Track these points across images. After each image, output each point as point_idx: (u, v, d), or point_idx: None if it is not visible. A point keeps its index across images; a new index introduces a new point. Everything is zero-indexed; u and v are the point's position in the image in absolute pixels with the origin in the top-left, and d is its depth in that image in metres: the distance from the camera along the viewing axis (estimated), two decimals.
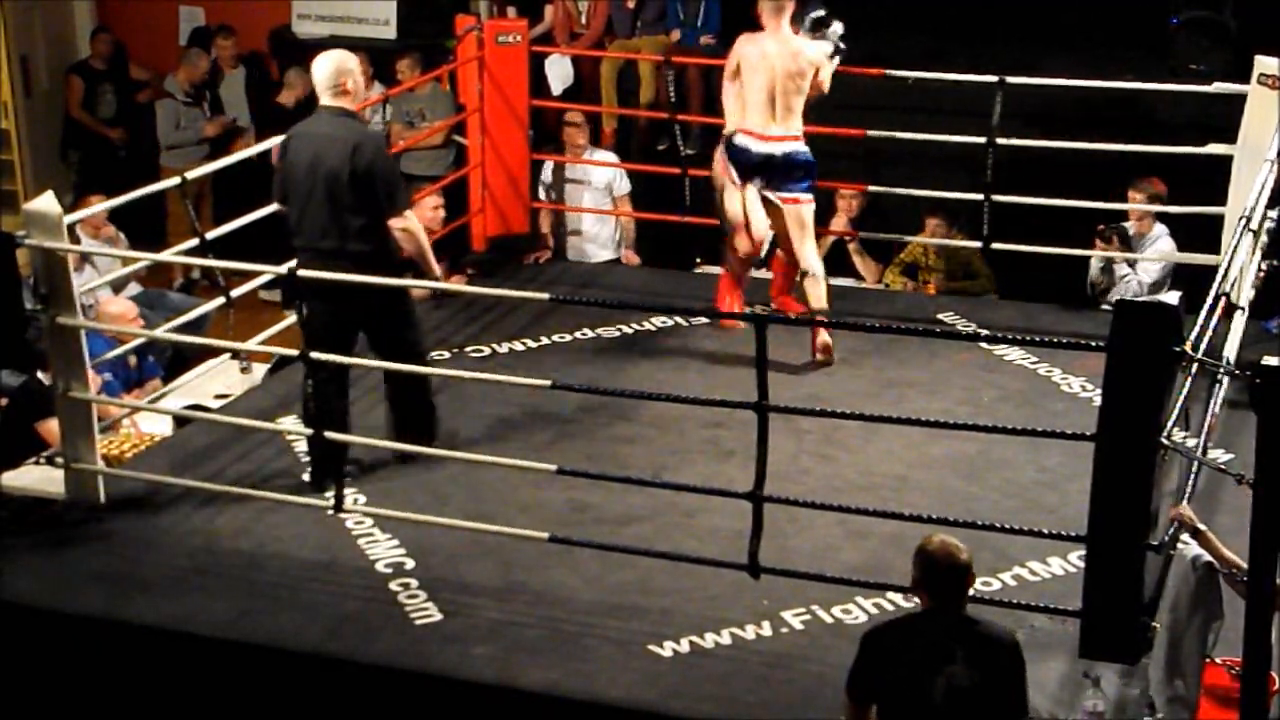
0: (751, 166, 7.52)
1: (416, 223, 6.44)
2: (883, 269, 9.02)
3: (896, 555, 5.24)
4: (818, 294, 7.53)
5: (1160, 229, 8.12)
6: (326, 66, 6.28)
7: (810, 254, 7.58)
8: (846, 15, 7.73)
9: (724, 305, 7.91)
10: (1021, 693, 4.35)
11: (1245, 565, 4.34)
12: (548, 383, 6.02)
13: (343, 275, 5.92)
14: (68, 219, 6.05)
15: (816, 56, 7.52)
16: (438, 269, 6.60)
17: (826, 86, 7.60)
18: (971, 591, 5.37)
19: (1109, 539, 4.82)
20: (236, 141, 10.53)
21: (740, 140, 7.51)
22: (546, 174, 9.15)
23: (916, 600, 4.46)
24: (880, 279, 8.98)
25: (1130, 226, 8.17)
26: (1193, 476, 5.22)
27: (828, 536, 5.83)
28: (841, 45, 7.60)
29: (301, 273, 5.85)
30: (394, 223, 6.25)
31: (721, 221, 7.77)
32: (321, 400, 6.02)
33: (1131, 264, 8.11)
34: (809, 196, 7.58)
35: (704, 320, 8.03)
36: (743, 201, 7.58)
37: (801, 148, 7.53)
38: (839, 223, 8.94)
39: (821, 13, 7.62)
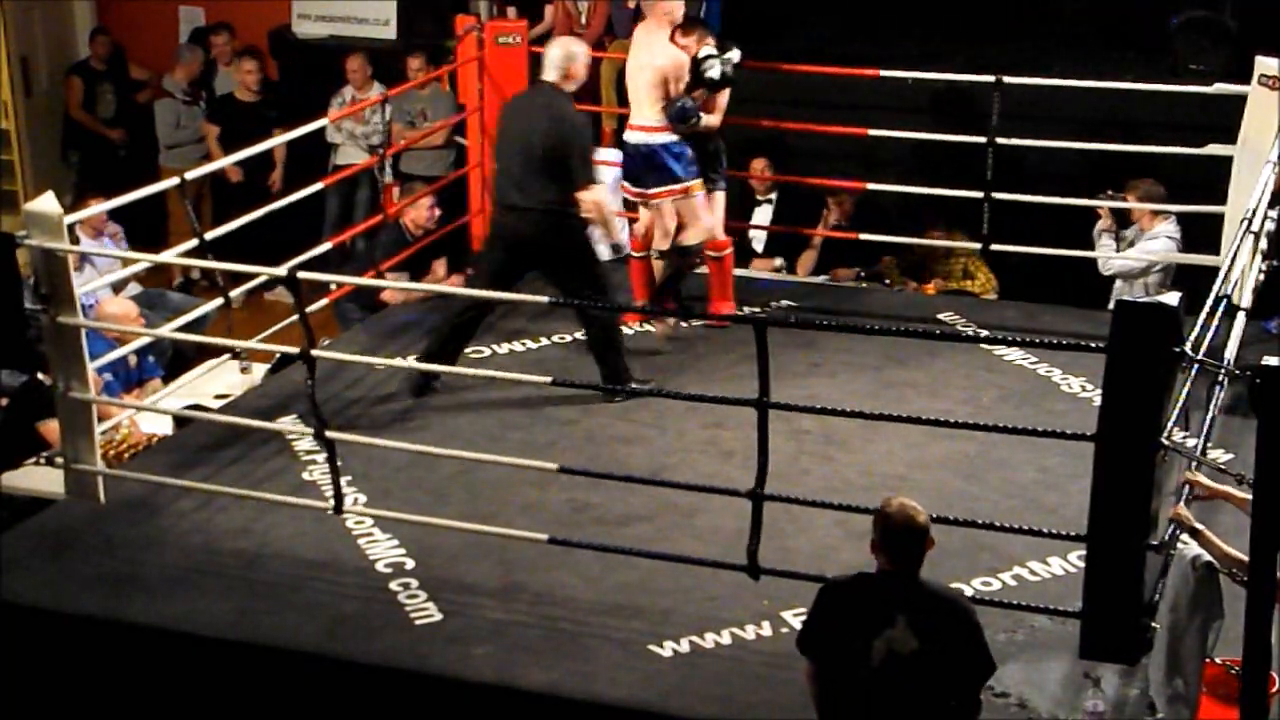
0: (624, 159, 7.74)
1: (601, 196, 7.09)
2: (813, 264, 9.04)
3: None
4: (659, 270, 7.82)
5: (1162, 228, 8.09)
6: (558, 51, 7.09)
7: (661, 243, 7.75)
8: (848, 16, 7.73)
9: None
10: (973, 657, 4.30)
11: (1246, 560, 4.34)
12: (548, 379, 6.04)
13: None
14: (68, 219, 6.05)
15: (679, 59, 7.53)
16: (619, 238, 7.47)
17: (717, 119, 7.72)
18: (971, 592, 5.44)
19: (1109, 539, 4.83)
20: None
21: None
22: None
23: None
24: (808, 271, 8.99)
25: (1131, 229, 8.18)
26: None
27: (828, 536, 5.83)
28: (718, 78, 7.56)
29: (301, 274, 5.86)
30: (581, 194, 6.89)
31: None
32: (457, 330, 7.05)
33: (1119, 246, 8.11)
34: (668, 189, 7.61)
35: (704, 321, 8.03)
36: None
37: (656, 138, 7.56)
38: (833, 222, 8.96)
39: (687, 104, 7.54)
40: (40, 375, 6.68)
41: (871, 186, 8.56)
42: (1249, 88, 7.45)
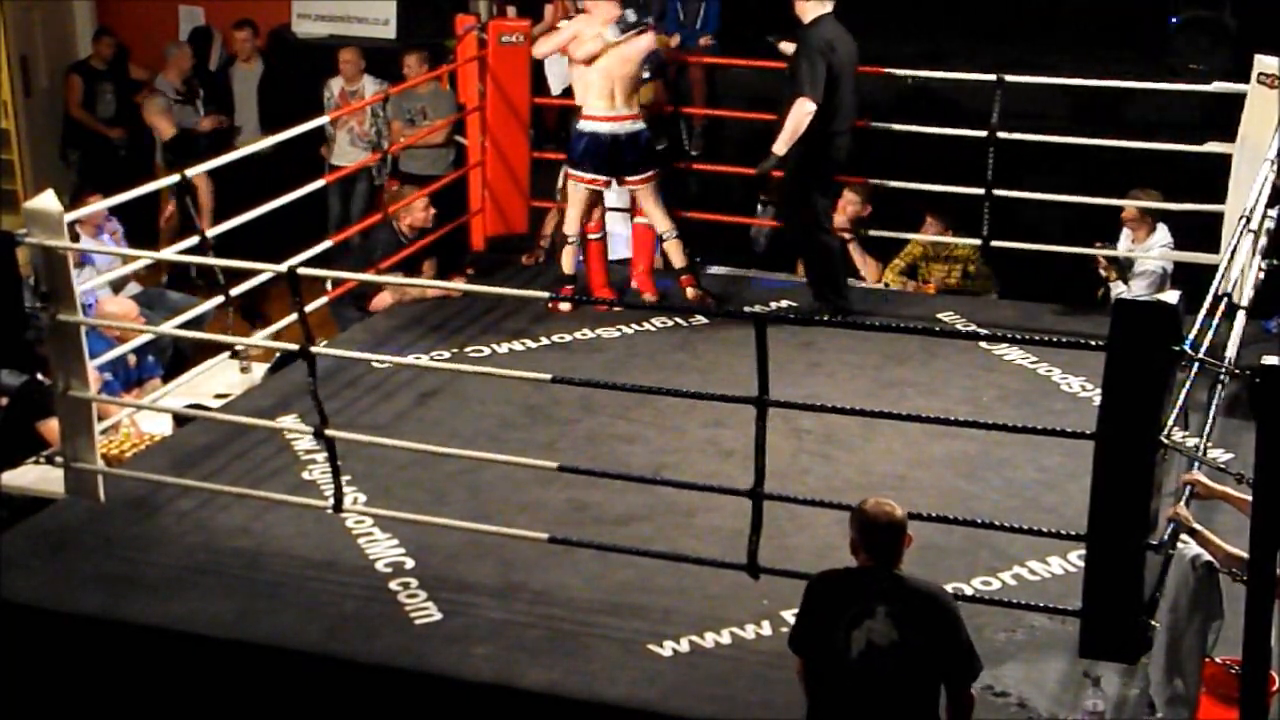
0: (603, 150, 8.00)
1: None
2: (882, 268, 9.01)
3: None
4: (678, 253, 8.20)
5: (1156, 238, 8.08)
6: None
7: (662, 218, 8.20)
8: (848, 16, 7.73)
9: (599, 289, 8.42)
10: (955, 651, 4.29)
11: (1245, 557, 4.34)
12: (548, 376, 6.05)
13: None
14: (68, 217, 6.06)
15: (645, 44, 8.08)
16: None
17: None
18: (971, 591, 5.44)
19: (1109, 538, 4.83)
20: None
21: (586, 126, 8.02)
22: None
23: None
24: (880, 278, 8.97)
25: (1125, 238, 8.16)
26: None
27: (828, 536, 5.81)
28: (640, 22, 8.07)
29: (301, 270, 5.87)
30: None
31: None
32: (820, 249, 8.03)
33: (1126, 283, 8.08)
34: (653, 170, 8.15)
35: (704, 320, 8.04)
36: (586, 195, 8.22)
37: (643, 127, 8.10)
38: (840, 222, 8.94)
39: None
40: (40, 375, 6.69)
41: (873, 182, 8.55)
42: (1248, 86, 7.46)
